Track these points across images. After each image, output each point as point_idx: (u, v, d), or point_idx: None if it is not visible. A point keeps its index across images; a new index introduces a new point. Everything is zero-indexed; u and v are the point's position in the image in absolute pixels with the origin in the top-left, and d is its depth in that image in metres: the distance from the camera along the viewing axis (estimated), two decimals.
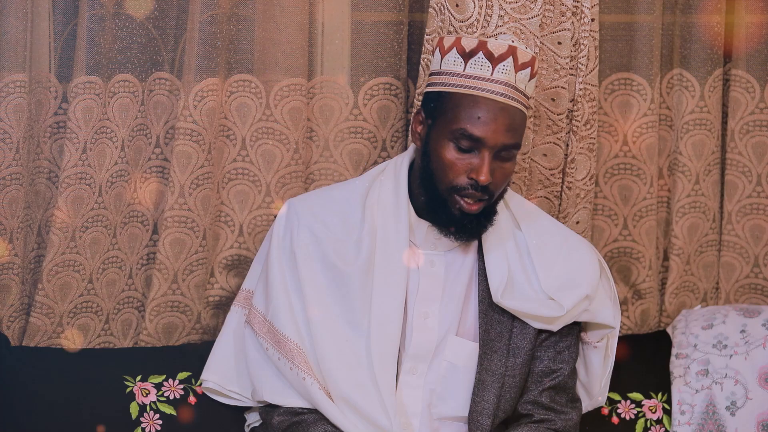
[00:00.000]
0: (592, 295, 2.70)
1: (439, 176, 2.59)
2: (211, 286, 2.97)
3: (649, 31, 3.03)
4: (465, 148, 2.56)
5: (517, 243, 2.70)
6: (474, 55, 2.58)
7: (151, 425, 2.81)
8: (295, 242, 2.66)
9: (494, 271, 2.66)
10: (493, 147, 2.55)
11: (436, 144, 2.59)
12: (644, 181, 3.07)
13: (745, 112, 3.12)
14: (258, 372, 2.67)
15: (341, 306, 2.62)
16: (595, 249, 2.81)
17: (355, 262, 2.63)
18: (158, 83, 2.89)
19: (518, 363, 2.66)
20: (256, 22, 2.92)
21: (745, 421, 2.87)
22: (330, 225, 2.67)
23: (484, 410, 2.63)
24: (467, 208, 2.58)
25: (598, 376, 2.80)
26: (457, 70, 2.59)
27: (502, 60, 2.57)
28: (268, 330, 2.64)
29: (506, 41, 2.59)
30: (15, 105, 2.78)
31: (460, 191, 2.57)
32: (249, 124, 2.94)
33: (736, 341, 2.93)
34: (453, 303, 2.67)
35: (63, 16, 2.84)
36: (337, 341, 2.60)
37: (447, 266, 2.68)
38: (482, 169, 2.54)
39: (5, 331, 2.85)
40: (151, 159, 2.92)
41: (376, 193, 2.68)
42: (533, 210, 2.78)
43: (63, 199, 2.82)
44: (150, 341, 2.93)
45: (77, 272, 2.87)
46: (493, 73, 2.57)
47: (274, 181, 2.96)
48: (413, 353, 2.64)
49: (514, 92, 2.58)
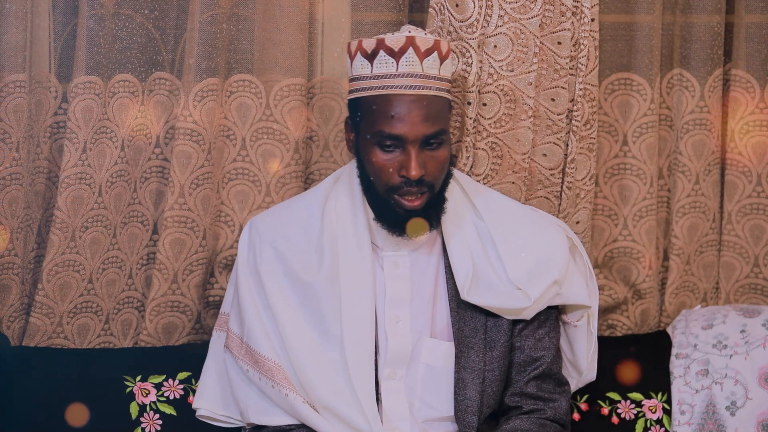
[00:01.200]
0: (561, 280, 2.67)
1: (375, 181, 2.58)
2: (211, 286, 2.97)
3: (649, 31, 3.03)
4: (389, 148, 2.55)
5: (480, 234, 2.69)
6: (377, 54, 2.56)
7: (151, 425, 2.81)
8: (259, 261, 2.66)
9: (459, 268, 2.65)
10: (414, 141, 2.54)
11: (364, 150, 2.59)
12: (644, 181, 3.07)
13: (745, 112, 3.12)
14: (242, 394, 2.67)
15: (312, 317, 2.62)
16: (564, 226, 2.79)
17: (319, 271, 2.62)
18: (158, 83, 2.89)
19: (496, 356, 2.65)
20: (256, 22, 2.92)
21: (745, 421, 2.87)
22: (292, 238, 2.67)
23: (469, 408, 2.63)
24: (410, 206, 2.57)
25: (583, 353, 2.78)
26: (365, 73, 2.58)
27: (404, 53, 2.55)
28: (246, 352, 2.64)
29: (404, 33, 2.58)
30: (15, 105, 2.78)
31: (397, 191, 2.57)
32: (249, 124, 2.94)
33: (736, 341, 2.93)
34: (423, 304, 2.66)
35: (63, 16, 2.84)
36: (312, 352, 2.59)
37: (412, 267, 2.67)
38: (410, 165, 2.53)
39: (5, 331, 2.85)
40: (151, 159, 2.92)
41: (333, 202, 2.68)
42: (495, 197, 2.76)
43: (63, 199, 2.82)
44: (150, 341, 2.93)
45: (77, 272, 2.87)
46: (398, 68, 2.55)
47: (274, 181, 2.96)
48: (391, 358, 2.63)
49: (424, 80, 2.56)
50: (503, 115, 2.89)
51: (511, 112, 2.90)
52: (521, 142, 2.91)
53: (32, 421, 2.75)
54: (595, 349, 2.80)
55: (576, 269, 2.74)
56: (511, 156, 2.92)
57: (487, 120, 2.89)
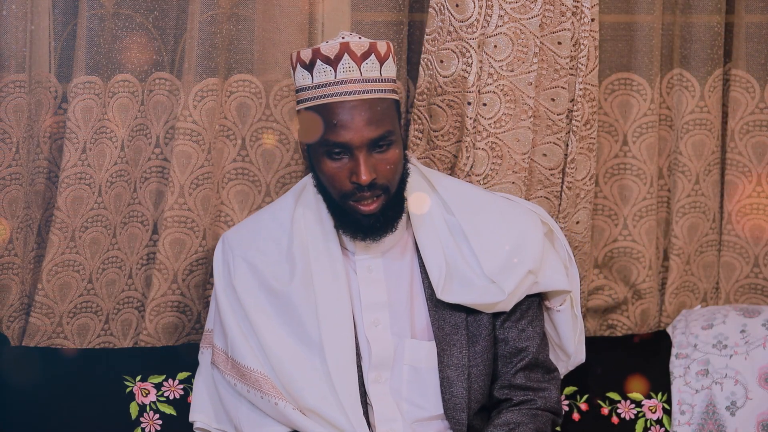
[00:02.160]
0: (536, 268, 2.66)
1: (329, 189, 2.58)
2: (211, 286, 2.97)
3: (649, 31, 3.03)
4: (338, 156, 2.54)
5: (451, 229, 2.67)
6: (314, 64, 2.55)
7: (151, 425, 2.81)
8: (234, 276, 2.66)
9: (432, 267, 2.64)
10: (360, 146, 2.52)
11: (316, 160, 2.58)
12: (644, 181, 3.07)
13: (745, 112, 3.12)
14: (233, 409, 2.67)
15: (291, 327, 2.61)
16: (538, 210, 2.77)
17: (293, 280, 2.62)
18: (158, 83, 2.89)
19: (479, 350, 2.65)
20: (256, 22, 2.92)
21: (745, 421, 2.87)
22: (264, 250, 2.67)
23: (457, 405, 2.62)
24: (366, 210, 2.56)
25: (569, 337, 2.77)
26: (306, 83, 2.57)
27: (340, 59, 2.54)
28: (233, 366, 2.64)
29: (337, 40, 2.57)
30: (15, 105, 2.78)
31: (351, 197, 2.56)
32: (249, 124, 2.94)
33: (736, 341, 2.93)
34: (401, 306, 2.66)
35: (63, 16, 2.84)
36: (295, 361, 2.59)
37: (386, 269, 2.67)
38: (360, 170, 2.52)
39: (5, 331, 2.85)
40: (151, 159, 2.92)
41: (301, 209, 2.68)
42: (464, 189, 2.74)
43: (63, 199, 2.82)
44: (150, 341, 2.93)
45: (77, 272, 2.87)
46: (337, 75, 2.54)
47: (274, 181, 2.96)
48: (375, 362, 2.63)
49: (364, 84, 2.54)
50: (503, 115, 2.89)
51: (511, 112, 2.90)
52: (521, 142, 2.91)
53: (32, 421, 2.75)
54: (581, 331, 2.78)
55: (554, 255, 2.72)
56: (511, 156, 2.92)
57: (487, 120, 2.89)
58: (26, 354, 2.83)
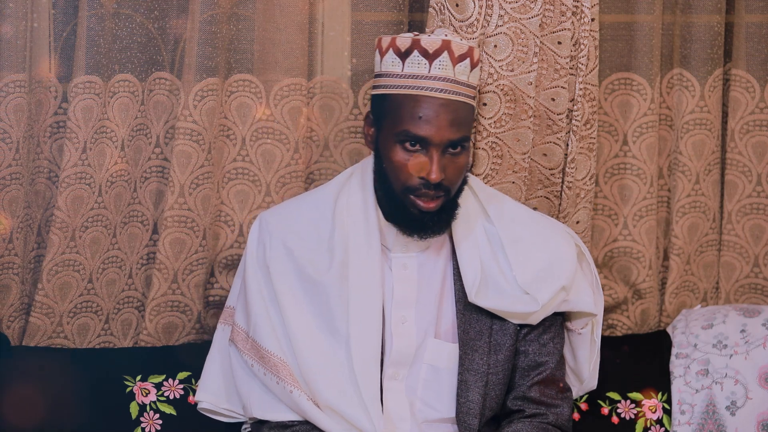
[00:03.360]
0: (569, 286, 2.67)
1: (392, 179, 2.58)
2: (211, 285, 2.97)
3: (649, 31, 3.03)
4: (412, 149, 2.55)
5: (489, 238, 2.69)
6: (410, 53, 2.56)
7: (151, 425, 2.81)
8: (269, 257, 2.66)
9: (467, 270, 2.65)
10: (439, 144, 2.54)
11: (385, 147, 2.58)
12: (644, 181, 3.07)
13: (745, 112, 3.12)
14: (246, 389, 2.67)
15: (319, 316, 2.61)
16: (572, 233, 2.79)
17: (330, 270, 2.62)
18: (158, 83, 2.89)
19: (500, 360, 2.65)
20: (256, 22, 2.92)
21: (745, 421, 2.87)
22: (302, 235, 2.67)
23: (470, 410, 2.62)
24: (425, 207, 2.57)
25: (585, 361, 2.78)
26: (395, 71, 2.58)
27: (438, 55, 2.55)
28: (252, 346, 2.64)
29: (440, 36, 2.57)
30: (15, 105, 2.78)
31: (414, 191, 2.56)
32: (249, 124, 2.94)
33: (736, 341, 2.93)
34: (429, 305, 2.66)
35: (63, 16, 2.84)
36: (318, 351, 2.59)
37: (420, 268, 2.67)
38: (431, 168, 2.53)
39: (5, 331, 2.85)
40: (151, 159, 2.92)
41: (345, 199, 2.67)
42: (503, 201, 2.76)
43: (63, 199, 2.82)
44: (150, 341, 2.93)
45: (77, 272, 2.87)
46: (431, 70, 2.55)
47: (274, 181, 2.96)
48: (394, 359, 2.63)
49: (455, 86, 2.56)
50: (503, 115, 2.89)
51: (511, 111, 2.90)
52: (521, 142, 2.91)
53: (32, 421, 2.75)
54: (597, 357, 2.80)
55: (583, 277, 2.74)
56: (511, 156, 2.92)
57: (487, 120, 2.89)
58: (26, 354, 2.83)
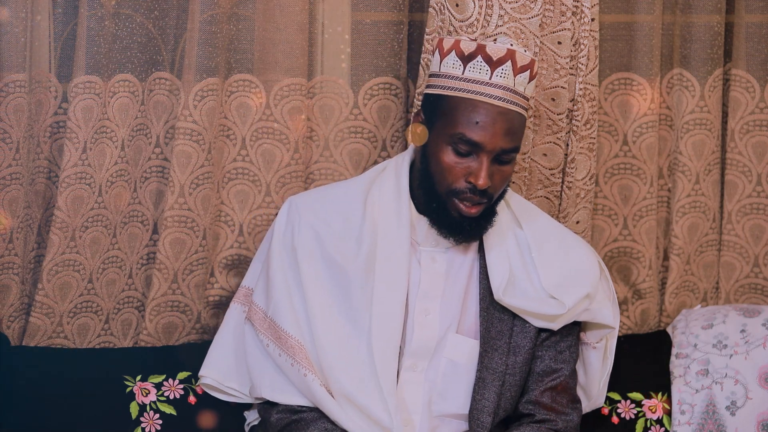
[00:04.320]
0: (593, 294, 2.70)
1: (438, 179, 2.59)
2: (211, 285, 2.97)
3: (649, 31, 3.03)
4: (463, 152, 2.56)
5: (518, 241, 2.71)
6: (473, 58, 2.57)
7: (151, 425, 2.81)
8: (297, 239, 2.67)
9: (496, 269, 2.66)
10: (491, 151, 2.55)
11: (435, 147, 2.59)
12: (644, 181, 3.07)
13: (745, 112, 3.12)
14: (258, 368, 2.67)
15: (342, 303, 2.62)
16: (593, 249, 2.82)
17: (356, 259, 2.63)
18: (158, 83, 2.89)
19: (519, 361, 2.66)
20: (256, 22, 2.92)
21: (745, 421, 2.87)
22: (331, 223, 2.68)
23: (485, 408, 2.63)
24: (466, 212, 2.58)
25: (596, 377, 2.80)
26: (455, 73, 2.58)
27: (501, 64, 2.57)
28: (269, 326, 2.64)
29: (505, 45, 2.58)
30: (15, 105, 2.78)
31: (458, 194, 2.57)
32: (249, 124, 2.94)
33: (736, 341, 2.93)
34: (454, 300, 2.67)
35: (63, 16, 2.84)
36: (338, 338, 2.60)
37: (448, 263, 2.68)
38: (480, 174, 2.55)
39: (5, 331, 2.85)
40: (151, 159, 2.92)
41: (377, 191, 2.68)
42: (533, 209, 2.79)
43: (63, 199, 2.82)
44: (150, 341, 2.93)
45: (77, 272, 2.87)
46: (492, 77, 2.56)
47: (274, 181, 2.96)
48: (414, 350, 2.64)
49: (513, 96, 2.57)
50: None
51: None
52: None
53: (32, 421, 2.75)
54: (607, 375, 2.81)
55: (603, 291, 2.76)
56: None
57: None
58: (26, 354, 2.83)
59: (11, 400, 2.76)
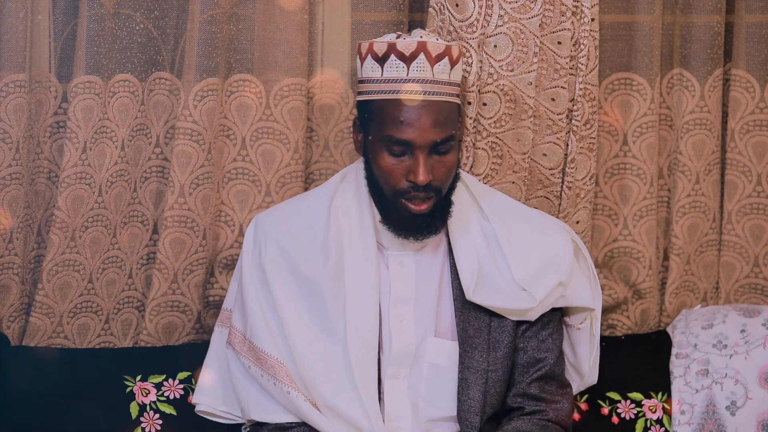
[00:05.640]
0: (566, 281, 2.68)
1: (382, 183, 2.58)
2: (211, 286, 2.97)
3: (649, 31, 3.03)
4: (398, 153, 2.55)
5: (486, 235, 2.69)
6: (387, 58, 2.56)
7: (151, 425, 2.81)
8: (264, 258, 2.66)
9: (464, 268, 2.65)
10: (423, 146, 2.54)
11: (372, 152, 2.59)
12: (644, 181, 3.07)
13: (745, 112, 3.12)
14: (243, 391, 2.67)
15: (315, 315, 2.62)
16: (568, 229, 2.79)
17: (325, 269, 2.63)
18: (158, 83, 2.89)
19: (500, 357, 2.65)
20: (256, 22, 2.92)
21: (745, 421, 2.87)
22: (297, 235, 2.67)
23: (472, 408, 2.63)
24: (416, 210, 2.57)
25: (585, 355, 2.79)
26: (375, 76, 2.58)
27: (415, 58, 2.55)
28: (249, 348, 2.64)
29: (415, 38, 2.57)
30: (15, 105, 2.78)
31: (404, 195, 2.57)
32: (249, 124, 2.94)
33: (736, 341, 2.93)
34: (427, 304, 2.66)
35: (63, 16, 2.84)
36: (315, 350, 2.59)
37: (417, 266, 2.67)
38: (418, 170, 2.53)
39: (5, 331, 2.85)
40: (151, 159, 2.92)
41: (340, 200, 2.68)
42: (500, 198, 2.76)
43: (63, 199, 2.82)
44: (150, 341, 2.93)
45: (77, 272, 2.87)
46: (409, 73, 2.55)
47: (274, 181, 2.96)
48: (394, 358, 2.63)
49: (435, 86, 2.56)
50: (503, 115, 2.89)
51: (511, 111, 2.90)
52: (521, 142, 2.91)
53: (32, 421, 2.75)
54: (597, 352, 2.80)
55: (580, 272, 2.75)
56: (511, 156, 2.92)
57: (487, 120, 2.89)
58: (26, 354, 2.83)
59: (11, 400, 2.76)
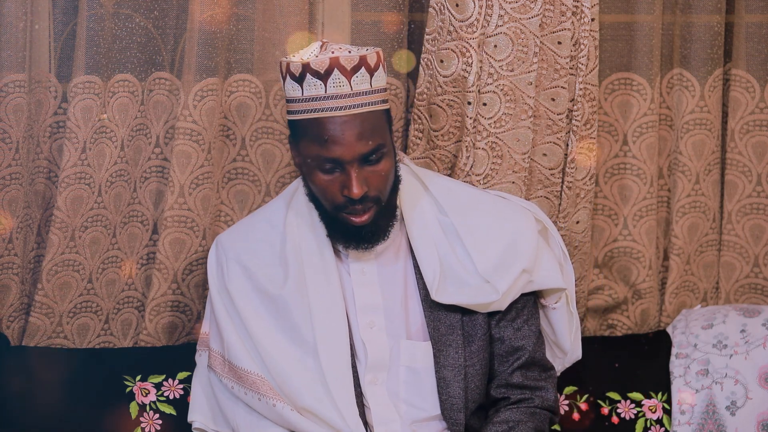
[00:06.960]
0: (530, 267, 2.65)
1: (321, 200, 2.57)
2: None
3: (649, 31, 3.03)
4: (329, 170, 2.52)
5: (445, 230, 2.67)
6: (304, 77, 2.51)
7: (150, 425, 2.81)
8: (228, 279, 2.66)
9: (426, 268, 2.63)
10: (352, 161, 2.50)
11: (307, 171, 2.57)
12: (644, 181, 3.07)
13: (745, 112, 3.12)
14: (231, 412, 2.67)
15: (285, 330, 2.61)
16: (533, 209, 2.76)
17: (287, 282, 2.62)
18: (158, 83, 2.89)
19: (475, 350, 2.64)
20: (256, 22, 2.92)
21: (745, 421, 2.87)
22: (257, 252, 2.67)
23: (454, 405, 2.62)
24: (357, 221, 2.55)
25: (565, 333, 2.77)
26: (297, 95, 2.54)
27: (330, 74, 2.50)
28: (230, 369, 2.64)
29: (327, 54, 2.52)
30: (15, 105, 2.78)
31: (343, 209, 2.55)
32: (249, 124, 2.94)
33: (736, 341, 2.93)
34: (396, 307, 2.65)
35: (63, 16, 2.84)
36: (290, 363, 2.59)
37: (379, 272, 2.66)
38: (351, 185, 2.50)
39: (5, 331, 2.85)
40: (151, 159, 2.92)
41: (294, 212, 2.67)
42: (457, 189, 2.73)
43: (63, 199, 2.83)
44: (150, 341, 2.93)
45: (77, 272, 2.88)
46: (327, 90, 2.50)
47: (274, 181, 2.96)
48: (371, 364, 2.62)
49: (355, 99, 2.51)
50: (503, 115, 2.89)
51: (511, 111, 2.90)
52: (521, 142, 2.91)
53: (32, 421, 2.75)
54: (577, 328, 2.78)
55: (548, 253, 2.72)
56: (511, 156, 2.92)
57: (487, 120, 2.89)
58: (26, 354, 2.83)
59: (11, 400, 2.76)
